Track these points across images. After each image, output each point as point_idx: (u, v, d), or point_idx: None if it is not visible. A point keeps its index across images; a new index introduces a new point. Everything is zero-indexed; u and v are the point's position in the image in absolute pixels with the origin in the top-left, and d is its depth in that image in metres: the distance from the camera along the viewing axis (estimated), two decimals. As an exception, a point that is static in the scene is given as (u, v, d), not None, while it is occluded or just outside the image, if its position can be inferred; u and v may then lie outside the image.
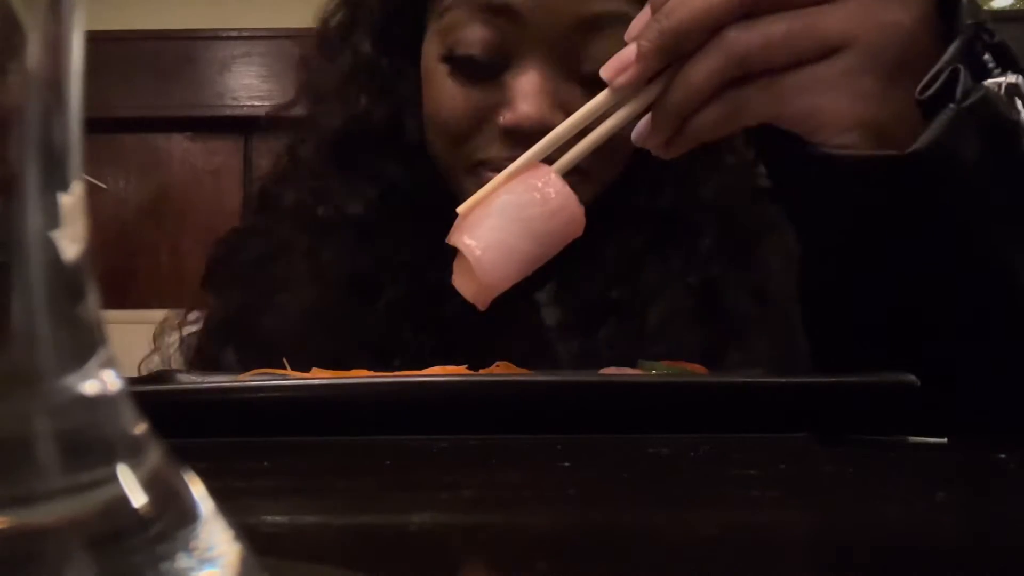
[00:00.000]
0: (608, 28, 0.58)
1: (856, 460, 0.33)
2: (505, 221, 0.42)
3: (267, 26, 1.84)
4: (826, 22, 0.40)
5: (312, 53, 0.73)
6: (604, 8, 0.58)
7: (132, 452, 0.12)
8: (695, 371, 0.49)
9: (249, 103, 1.81)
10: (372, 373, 0.46)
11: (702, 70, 0.41)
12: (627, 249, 0.65)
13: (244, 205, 0.81)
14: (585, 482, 0.29)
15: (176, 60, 1.79)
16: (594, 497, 0.26)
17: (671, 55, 0.41)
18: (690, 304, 0.64)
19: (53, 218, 0.12)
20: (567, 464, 0.32)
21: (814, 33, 0.40)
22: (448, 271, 0.42)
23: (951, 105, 0.39)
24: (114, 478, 0.11)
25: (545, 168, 0.43)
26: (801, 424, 0.37)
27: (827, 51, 0.40)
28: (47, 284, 0.11)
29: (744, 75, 0.41)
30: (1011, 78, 0.41)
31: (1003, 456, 0.32)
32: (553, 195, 0.42)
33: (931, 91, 0.40)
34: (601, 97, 0.43)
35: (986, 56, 0.41)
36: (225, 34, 1.82)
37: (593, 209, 0.45)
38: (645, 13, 0.43)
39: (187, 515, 0.12)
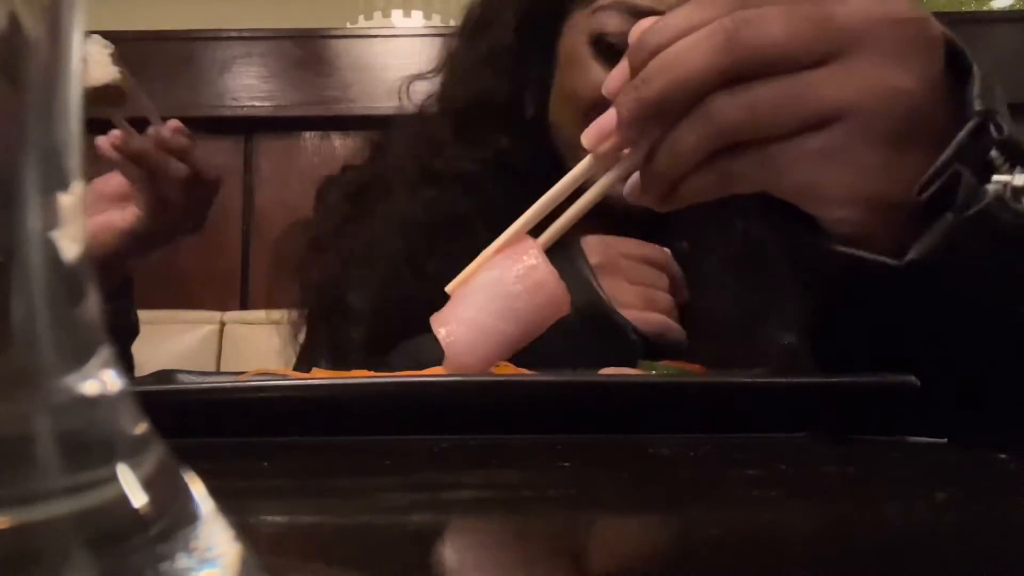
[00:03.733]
0: None
1: (856, 460, 0.33)
2: (484, 298, 0.42)
3: (267, 26, 1.84)
4: (819, 90, 0.36)
5: (456, 31, 0.81)
6: None
7: (132, 452, 0.12)
8: (695, 371, 0.49)
9: (249, 103, 1.80)
10: (372, 373, 0.46)
11: (688, 140, 0.38)
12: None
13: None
14: (585, 482, 0.29)
15: (176, 60, 1.79)
16: (594, 497, 0.26)
17: (652, 124, 0.39)
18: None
19: (53, 218, 0.12)
20: (567, 464, 0.31)
21: (806, 103, 0.36)
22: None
23: (948, 215, 0.36)
24: (114, 478, 0.11)
25: (529, 241, 0.43)
26: (801, 424, 0.37)
27: (821, 121, 0.37)
28: (47, 284, 0.11)
29: (734, 143, 0.38)
30: (1019, 179, 0.37)
31: (1003, 456, 0.32)
32: (532, 270, 0.42)
33: (930, 191, 0.37)
34: (583, 164, 0.42)
35: (993, 152, 0.37)
36: (225, 34, 1.82)
37: None
38: (623, 66, 0.40)
39: (187, 515, 0.12)
